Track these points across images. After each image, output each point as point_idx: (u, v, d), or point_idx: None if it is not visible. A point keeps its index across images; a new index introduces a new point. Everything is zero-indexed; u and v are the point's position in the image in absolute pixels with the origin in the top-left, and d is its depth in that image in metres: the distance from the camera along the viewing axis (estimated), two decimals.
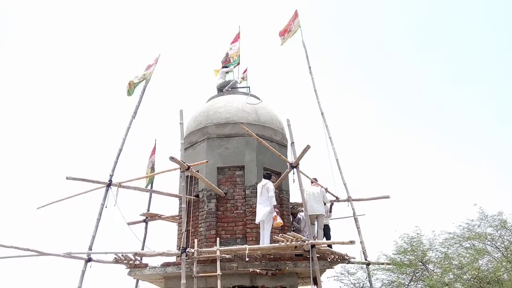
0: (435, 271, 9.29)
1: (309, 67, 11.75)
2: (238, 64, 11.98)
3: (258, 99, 10.71)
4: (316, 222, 9.29)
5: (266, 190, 8.52)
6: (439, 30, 32.59)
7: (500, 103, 31.03)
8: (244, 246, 7.86)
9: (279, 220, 8.21)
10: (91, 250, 8.72)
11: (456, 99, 31.40)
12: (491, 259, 9.04)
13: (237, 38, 12.35)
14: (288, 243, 7.67)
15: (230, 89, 11.03)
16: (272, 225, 8.37)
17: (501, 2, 30.22)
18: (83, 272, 8.53)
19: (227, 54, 11.98)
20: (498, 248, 9.07)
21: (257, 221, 8.49)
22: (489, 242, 9.14)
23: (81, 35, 32.90)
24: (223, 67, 11.71)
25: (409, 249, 9.43)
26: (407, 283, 9.61)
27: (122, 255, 8.30)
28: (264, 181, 8.76)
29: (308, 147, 8.04)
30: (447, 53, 32.44)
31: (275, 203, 8.40)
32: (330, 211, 9.99)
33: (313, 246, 7.63)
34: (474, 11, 32.43)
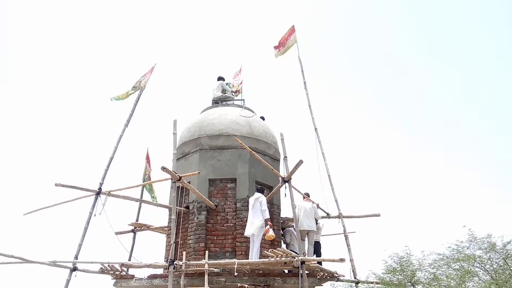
0: None
1: (304, 82, 11.80)
2: (237, 91, 12.06)
3: (252, 112, 10.71)
4: (306, 238, 9.23)
5: (259, 203, 8.46)
6: (437, 46, 33.05)
7: (492, 124, 31.41)
8: (233, 260, 7.75)
9: (271, 233, 8.12)
10: (77, 259, 8.55)
11: (449, 120, 31.73)
12: (480, 281, 9.04)
13: (237, 74, 12.58)
14: (278, 258, 7.58)
15: (224, 102, 11.04)
16: (263, 238, 8.30)
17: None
18: (68, 281, 8.34)
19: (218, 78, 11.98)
20: (487, 270, 9.07)
21: (246, 234, 8.40)
22: (478, 265, 9.14)
23: (75, 43, 32.86)
24: (219, 80, 11.70)
25: (398, 269, 9.41)
26: None
27: (108, 265, 8.14)
28: (257, 194, 8.71)
29: (300, 162, 8.03)
30: (444, 76, 32.86)
31: (268, 216, 8.34)
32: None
33: (303, 262, 7.56)
34: (471, 17, 32.99)
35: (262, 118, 11.07)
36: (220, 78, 11.68)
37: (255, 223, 8.28)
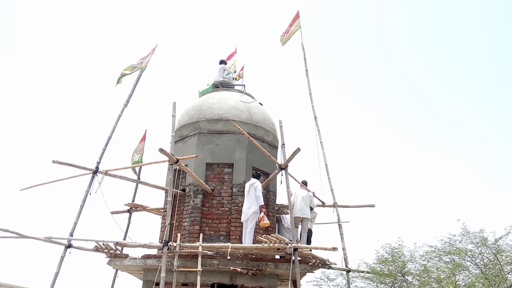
0: (413, 283, 9.34)
1: (306, 70, 11.75)
2: (234, 72, 12.07)
3: (253, 98, 10.69)
4: (300, 225, 9.31)
5: (254, 189, 8.52)
6: (439, 38, 32.87)
7: (488, 119, 31.42)
8: (226, 244, 7.83)
9: (265, 221, 8.20)
10: (72, 236, 8.63)
11: (446, 113, 31.72)
12: (469, 275, 9.12)
13: (232, 54, 12.53)
14: (271, 244, 7.67)
15: (225, 86, 11.02)
16: (258, 224, 8.37)
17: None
18: (62, 257, 8.44)
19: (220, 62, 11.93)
20: (477, 265, 9.14)
21: (242, 220, 8.49)
22: (468, 258, 9.20)
23: (75, 22, 32.53)
24: (221, 63, 11.66)
25: (389, 259, 9.46)
26: None
27: (103, 244, 8.21)
28: (252, 180, 8.75)
29: (298, 150, 8.05)
30: (447, 65, 32.75)
31: (262, 202, 8.39)
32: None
33: (295, 249, 7.64)
34: (472, 17, 32.79)
35: (260, 104, 11.04)
36: (222, 62, 11.66)
37: (250, 208, 8.34)
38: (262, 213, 8.22)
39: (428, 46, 32.90)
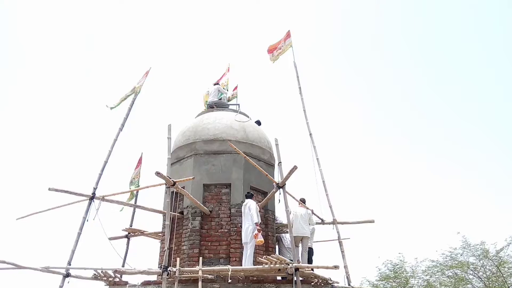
0: None
1: (299, 88, 11.79)
2: (227, 91, 12.20)
3: (247, 117, 10.70)
4: (300, 244, 9.22)
5: (248, 209, 8.48)
6: (432, 50, 33.24)
7: (488, 132, 31.61)
8: (227, 267, 7.71)
9: (259, 238, 8.09)
10: (70, 265, 8.47)
11: (444, 127, 31.90)
12: None
13: (225, 74, 12.64)
14: (272, 265, 7.56)
15: (219, 106, 11.06)
16: (254, 243, 8.28)
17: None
18: (61, 287, 8.27)
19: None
20: (480, 278, 9.08)
21: (243, 242, 8.41)
22: (471, 272, 9.15)
23: (72, 48, 32.73)
24: (215, 84, 11.78)
25: (392, 276, 9.39)
26: None
27: (101, 272, 8.06)
28: (246, 200, 8.72)
29: (295, 168, 8.01)
30: (442, 82, 33.04)
31: (256, 220, 8.31)
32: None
33: (297, 269, 7.53)
34: (465, 27, 33.23)
35: (258, 122, 11.05)
36: (217, 84, 11.76)
37: (247, 229, 8.29)
38: (256, 231, 8.15)
39: (422, 58, 33.28)
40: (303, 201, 9.72)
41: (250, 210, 8.39)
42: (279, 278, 8.47)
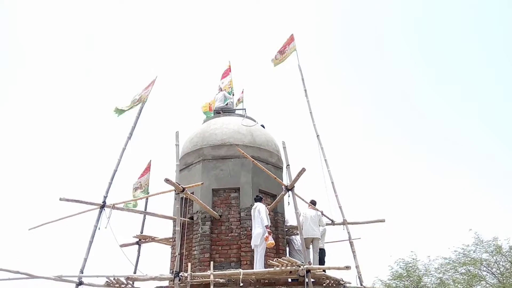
0: None
1: (305, 90, 11.80)
2: (233, 95, 12.19)
3: (254, 121, 10.74)
4: (311, 246, 9.22)
5: (257, 212, 8.49)
6: (432, 51, 33.10)
7: (497, 128, 31.35)
8: (238, 271, 7.74)
9: (270, 241, 8.10)
10: (82, 273, 8.55)
11: (456, 125, 31.69)
12: (486, 285, 8.97)
13: (227, 72, 12.62)
14: (283, 267, 7.57)
15: (226, 111, 11.11)
16: (265, 246, 8.28)
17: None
18: None
19: (220, 89, 12.09)
20: (494, 274, 9.00)
21: (253, 245, 8.42)
22: (484, 268, 9.07)
23: (79, 54, 33.08)
24: (220, 91, 11.83)
25: (404, 275, 9.34)
26: None
27: (114, 279, 8.14)
28: (255, 204, 8.74)
29: (303, 170, 8.02)
30: (448, 82, 32.86)
31: (266, 223, 8.32)
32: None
33: (308, 271, 7.53)
34: (465, 28, 33.04)
35: (262, 126, 11.10)
36: (222, 90, 11.80)
37: (257, 233, 8.30)
38: (267, 233, 8.16)
39: (423, 61, 33.14)
40: (313, 203, 9.72)
41: (260, 213, 8.41)
42: (290, 280, 8.46)
